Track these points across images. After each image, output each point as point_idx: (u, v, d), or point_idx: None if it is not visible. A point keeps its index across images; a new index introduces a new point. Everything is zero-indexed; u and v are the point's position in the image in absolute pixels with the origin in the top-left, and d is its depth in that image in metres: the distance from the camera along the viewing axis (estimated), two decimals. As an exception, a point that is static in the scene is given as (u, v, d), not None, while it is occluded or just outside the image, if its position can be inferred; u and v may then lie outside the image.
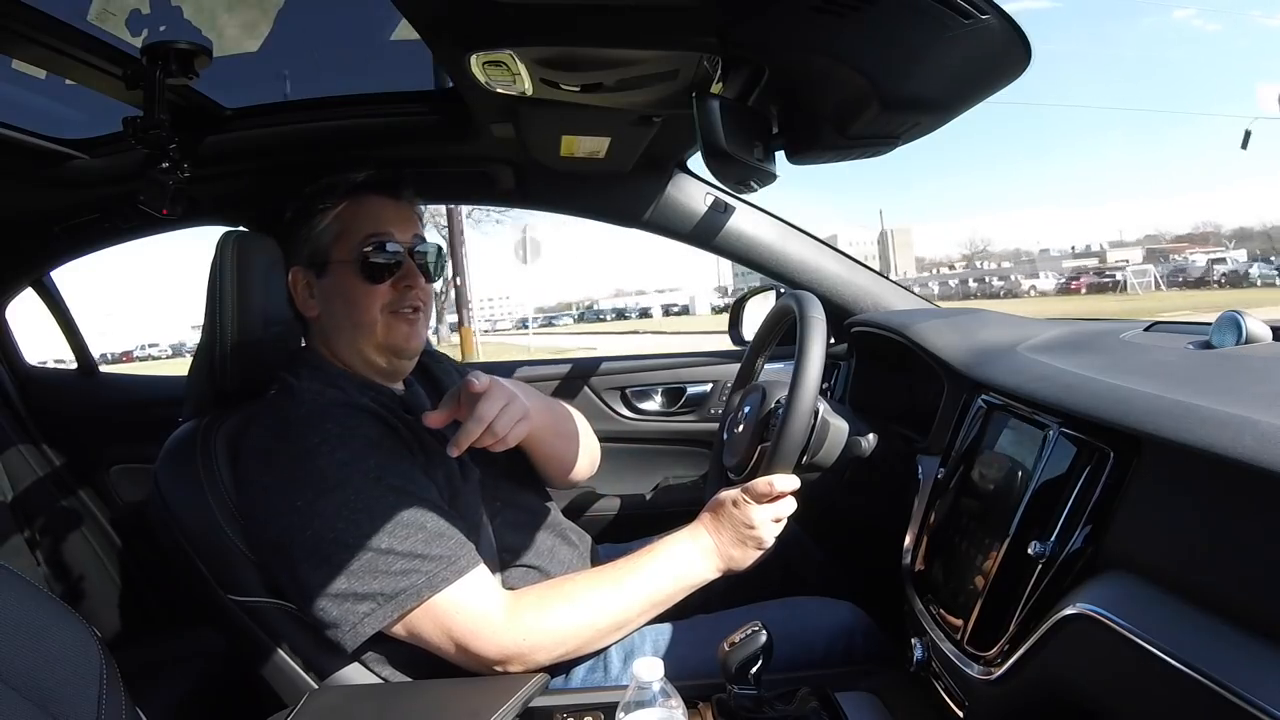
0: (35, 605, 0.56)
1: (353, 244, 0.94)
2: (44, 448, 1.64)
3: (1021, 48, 0.75)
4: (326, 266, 0.96)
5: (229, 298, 0.95)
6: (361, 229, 0.95)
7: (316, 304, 0.98)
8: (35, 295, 1.65)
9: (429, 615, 0.81)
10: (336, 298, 0.96)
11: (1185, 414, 0.50)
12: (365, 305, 0.94)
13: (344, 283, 0.95)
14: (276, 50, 1.08)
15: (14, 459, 1.58)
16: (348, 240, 0.95)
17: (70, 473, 1.65)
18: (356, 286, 0.94)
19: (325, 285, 0.97)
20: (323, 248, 0.96)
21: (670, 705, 0.63)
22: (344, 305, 0.95)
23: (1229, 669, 0.41)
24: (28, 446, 1.61)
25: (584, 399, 1.67)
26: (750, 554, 0.92)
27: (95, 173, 1.26)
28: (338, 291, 0.96)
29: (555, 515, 1.09)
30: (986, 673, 0.64)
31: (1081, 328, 1.02)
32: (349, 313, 0.95)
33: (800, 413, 0.89)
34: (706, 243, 1.48)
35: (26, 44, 0.87)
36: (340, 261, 0.95)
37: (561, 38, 0.82)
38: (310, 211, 0.97)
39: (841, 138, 0.95)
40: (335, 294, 0.96)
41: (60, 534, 1.58)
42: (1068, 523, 0.58)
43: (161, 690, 1.27)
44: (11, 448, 1.58)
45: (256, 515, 0.86)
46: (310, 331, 1.01)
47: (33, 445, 1.62)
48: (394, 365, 0.99)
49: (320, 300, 0.97)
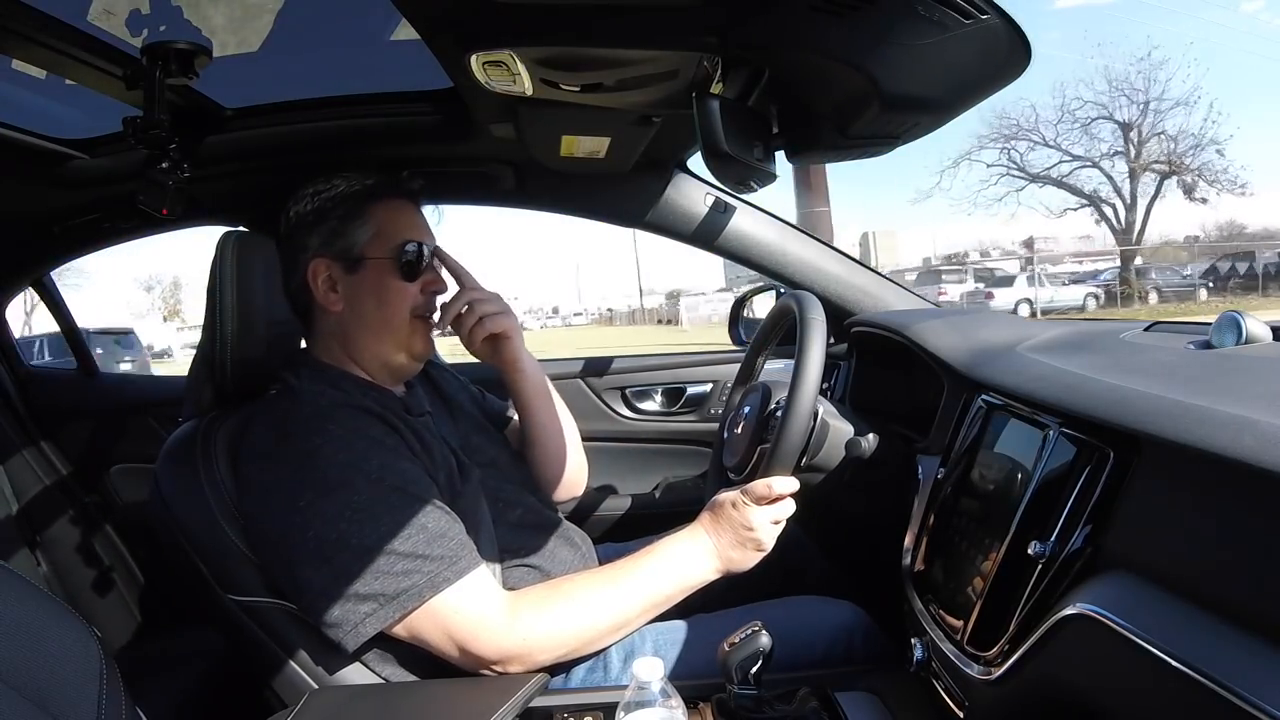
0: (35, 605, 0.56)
1: (391, 244, 0.96)
2: (44, 448, 1.64)
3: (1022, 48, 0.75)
4: (361, 262, 0.96)
5: (229, 298, 0.95)
6: (400, 231, 0.97)
7: (340, 299, 0.97)
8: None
9: (430, 615, 0.81)
10: (368, 295, 0.96)
11: (1185, 414, 0.50)
12: (397, 304, 0.96)
13: (379, 280, 0.96)
14: (276, 50, 1.08)
15: (14, 459, 1.58)
16: (385, 240, 0.96)
17: (70, 473, 1.65)
18: (392, 285, 0.96)
19: (355, 281, 0.96)
20: (357, 244, 0.96)
21: (670, 705, 0.63)
22: (375, 302, 0.96)
23: (1229, 669, 0.41)
24: (28, 447, 1.61)
25: (584, 399, 1.67)
26: (750, 556, 0.92)
27: (95, 173, 1.26)
28: (370, 288, 0.96)
29: (555, 516, 1.09)
30: (986, 673, 0.64)
31: (1081, 328, 1.02)
32: (379, 310, 0.96)
33: (799, 414, 0.89)
34: (706, 243, 1.48)
35: (26, 44, 0.87)
36: (377, 259, 0.96)
37: (561, 38, 0.82)
38: (345, 204, 0.97)
39: (841, 138, 0.95)
40: (366, 290, 0.96)
41: (60, 534, 1.58)
42: (1068, 523, 0.58)
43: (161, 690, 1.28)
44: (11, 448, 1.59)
45: (257, 515, 0.86)
46: (317, 330, 1.00)
47: (33, 445, 1.62)
48: (407, 368, 1.01)
49: (346, 295, 0.97)
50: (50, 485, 1.60)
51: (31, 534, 1.55)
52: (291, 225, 0.99)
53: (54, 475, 1.62)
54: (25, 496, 1.57)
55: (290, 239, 0.99)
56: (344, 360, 0.98)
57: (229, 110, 1.19)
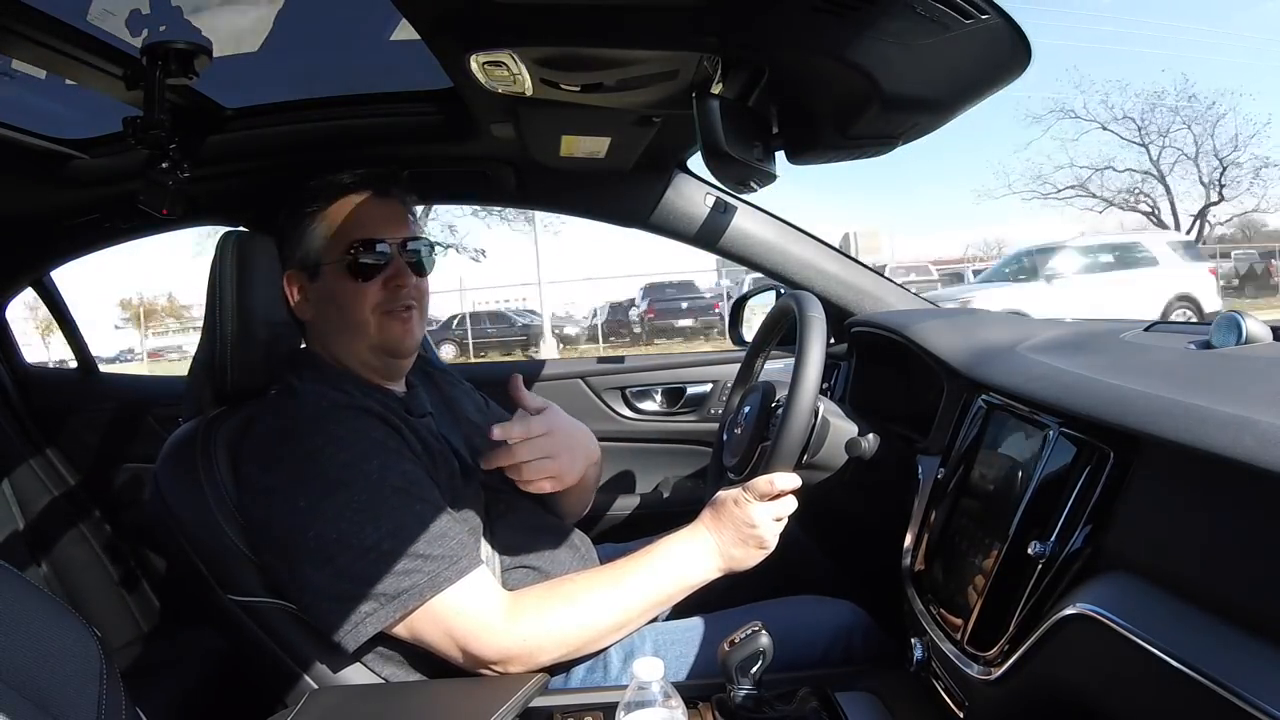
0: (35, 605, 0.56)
1: (341, 246, 0.94)
2: (44, 448, 1.64)
3: (1022, 48, 0.75)
4: (318, 269, 0.96)
5: (229, 298, 0.95)
6: (349, 231, 0.95)
7: (310, 308, 0.97)
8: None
9: (430, 616, 0.81)
10: (328, 301, 0.95)
11: (1185, 414, 0.50)
12: (356, 306, 0.94)
13: (334, 285, 0.95)
14: (276, 50, 1.08)
15: (14, 459, 1.58)
16: (336, 242, 0.95)
17: (70, 473, 1.65)
18: (346, 288, 0.94)
19: (317, 288, 0.96)
20: (313, 251, 0.96)
21: (670, 705, 0.63)
22: (335, 308, 0.95)
23: (1229, 669, 0.41)
24: (28, 447, 1.61)
25: (584, 399, 1.67)
26: (752, 554, 0.92)
27: (95, 173, 1.26)
28: (329, 294, 0.95)
29: (555, 518, 1.09)
30: (986, 673, 0.64)
31: (1081, 328, 1.02)
32: (341, 315, 0.95)
33: (800, 411, 0.89)
34: (706, 243, 1.48)
35: (26, 44, 0.87)
36: (330, 264, 0.95)
37: (561, 38, 0.82)
38: (299, 216, 0.96)
39: (841, 138, 0.95)
40: (327, 297, 0.96)
41: (60, 534, 1.57)
42: (1068, 523, 0.58)
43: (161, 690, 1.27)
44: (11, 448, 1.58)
45: (258, 515, 0.86)
46: (308, 335, 1.02)
47: (32, 445, 1.62)
48: (390, 365, 0.99)
49: (314, 304, 0.97)
50: (50, 485, 1.60)
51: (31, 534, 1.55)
52: (278, 241, 1.00)
53: (54, 475, 1.62)
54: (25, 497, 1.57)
55: (279, 254, 1.00)
56: (338, 361, 0.98)
57: (229, 110, 1.19)
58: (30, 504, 1.57)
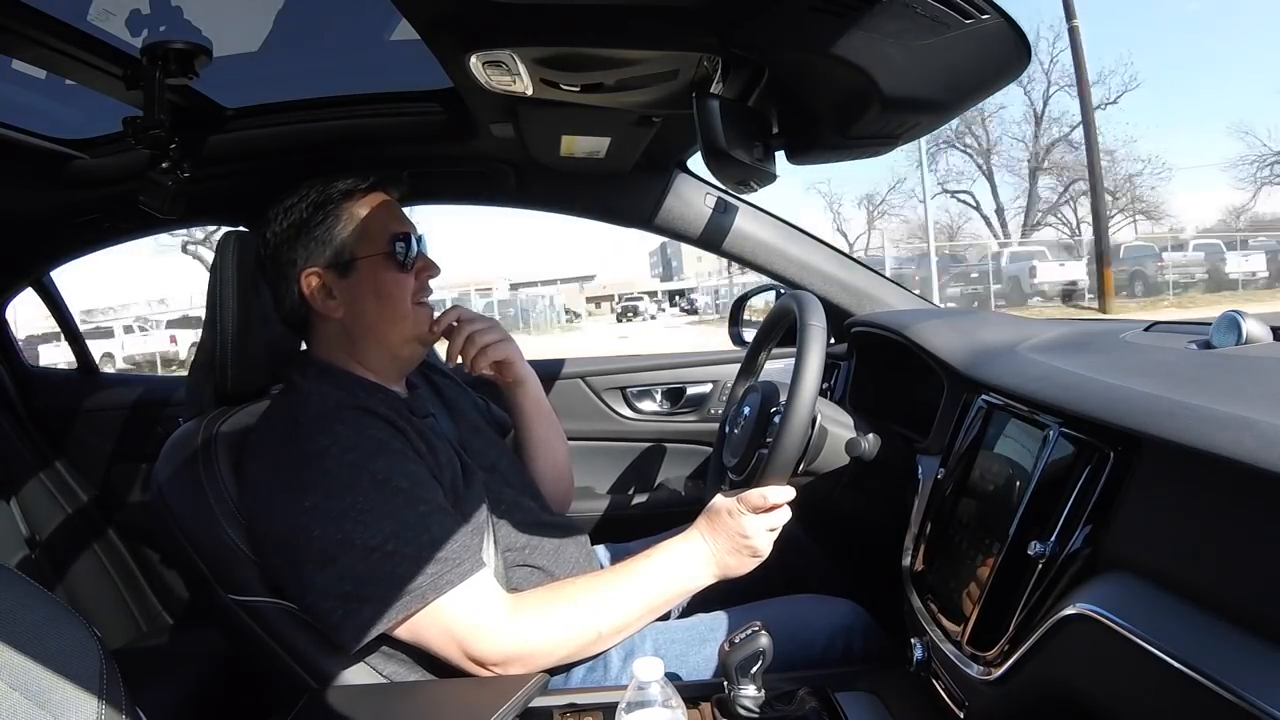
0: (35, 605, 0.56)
1: (379, 240, 0.97)
2: (44, 448, 1.64)
3: (1022, 47, 0.75)
4: (352, 264, 0.96)
5: (229, 297, 0.95)
6: (385, 225, 0.98)
7: (340, 305, 0.97)
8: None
9: (432, 617, 0.81)
10: (369, 294, 0.96)
11: (1185, 414, 0.50)
12: (399, 296, 0.97)
13: (376, 277, 0.96)
14: (276, 50, 1.08)
15: (14, 459, 1.58)
16: (373, 237, 0.97)
17: (70, 473, 1.65)
18: (392, 279, 0.97)
19: (351, 284, 0.96)
20: (346, 247, 0.96)
21: (670, 705, 0.63)
22: (376, 300, 0.96)
23: (1229, 669, 0.41)
24: (28, 447, 1.61)
25: (584, 399, 1.67)
26: (746, 562, 0.92)
27: (95, 173, 1.26)
28: (370, 287, 0.96)
29: (556, 517, 1.09)
30: (986, 673, 0.64)
31: (1081, 328, 1.02)
32: (382, 306, 0.97)
33: (796, 425, 0.88)
34: (706, 243, 1.48)
35: (26, 44, 0.87)
36: (368, 257, 0.96)
37: (561, 38, 0.82)
38: (324, 215, 0.97)
39: (841, 138, 0.95)
40: (365, 290, 0.96)
41: (60, 534, 1.58)
42: (1068, 523, 0.58)
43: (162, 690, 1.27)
44: (11, 448, 1.59)
45: (260, 515, 0.86)
46: (318, 336, 1.00)
47: (33, 446, 1.62)
48: (414, 358, 1.03)
49: (345, 300, 0.97)
50: (51, 485, 1.60)
51: (32, 534, 1.55)
52: (272, 247, 0.98)
53: (54, 476, 1.62)
54: (26, 497, 1.57)
55: (275, 260, 0.98)
56: (348, 362, 0.98)
57: (229, 110, 1.19)
58: (31, 504, 1.57)
